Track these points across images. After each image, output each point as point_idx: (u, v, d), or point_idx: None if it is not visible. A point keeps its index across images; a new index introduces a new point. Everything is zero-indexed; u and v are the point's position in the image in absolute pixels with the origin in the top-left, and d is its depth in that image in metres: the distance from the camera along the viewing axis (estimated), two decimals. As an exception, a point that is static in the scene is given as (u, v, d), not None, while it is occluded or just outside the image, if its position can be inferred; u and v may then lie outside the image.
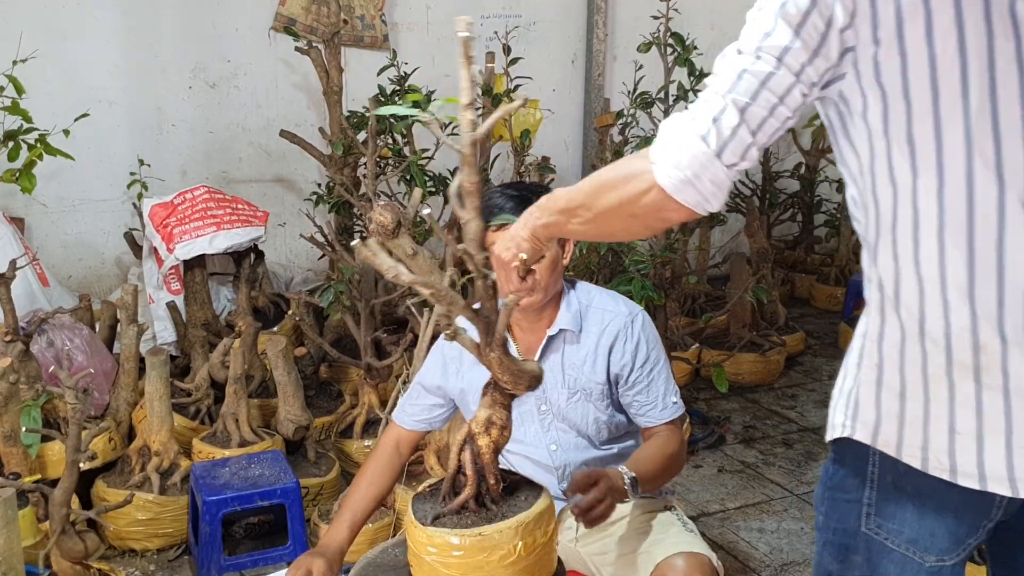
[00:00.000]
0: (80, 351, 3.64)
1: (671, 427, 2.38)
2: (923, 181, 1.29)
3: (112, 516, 3.22)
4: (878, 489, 1.47)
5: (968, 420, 1.33)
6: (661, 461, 2.28)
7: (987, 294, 1.28)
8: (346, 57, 5.25)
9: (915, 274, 1.33)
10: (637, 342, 2.36)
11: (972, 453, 1.34)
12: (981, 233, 1.27)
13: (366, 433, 3.94)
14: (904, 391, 1.39)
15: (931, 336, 1.33)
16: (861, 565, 1.51)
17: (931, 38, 1.25)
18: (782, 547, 3.48)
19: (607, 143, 5.47)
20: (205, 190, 4.40)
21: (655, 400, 2.37)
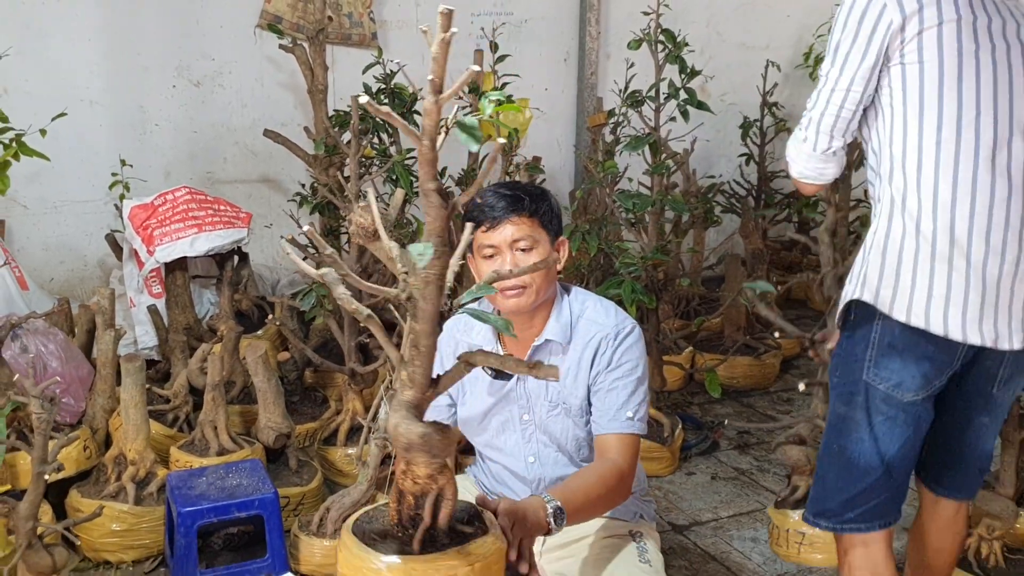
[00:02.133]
0: (54, 357, 3.54)
1: (621, 444, 2.22)
2: (927, 131, 2.04)
3: (86, 527, 3.14)
4: (877, 349, 2.15)
5: (940, 289, 2.04)
6: (597, 490, 2.11)
7: (963, 208, 2.02)
8: (334, 55, 5.16)
9: (916, 192, 2.06)
10: (614, 351, 2.26)
11: (940, 311, 2.05)
12: (963, 168, 2.02)
13: (350, 440, 3.85)
14: (899, 269, 2.09)
15: (923, 233, 2.06)
16: (862, 404, 2.19)
17: (941, 48, 2.03)
18: (776, 557, 3.38)
19: (600, 142, 5.38)
20: (186, 191, 4.30)
21: (608, 408, 2.25)
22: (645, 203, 3.60)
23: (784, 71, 6.70)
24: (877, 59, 2.07)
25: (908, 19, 2.02)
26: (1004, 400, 2.28)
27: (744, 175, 6.51)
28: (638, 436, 2.27)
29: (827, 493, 2.31)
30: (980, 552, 3.00)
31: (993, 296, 2.04)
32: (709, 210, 4.61)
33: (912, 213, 2.06)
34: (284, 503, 3.29)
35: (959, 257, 2.02)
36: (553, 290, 2.31)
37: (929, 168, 2.04)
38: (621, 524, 2.37)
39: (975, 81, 2.01)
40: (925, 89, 2.04)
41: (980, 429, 2.30)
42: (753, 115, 6.42)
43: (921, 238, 2.05)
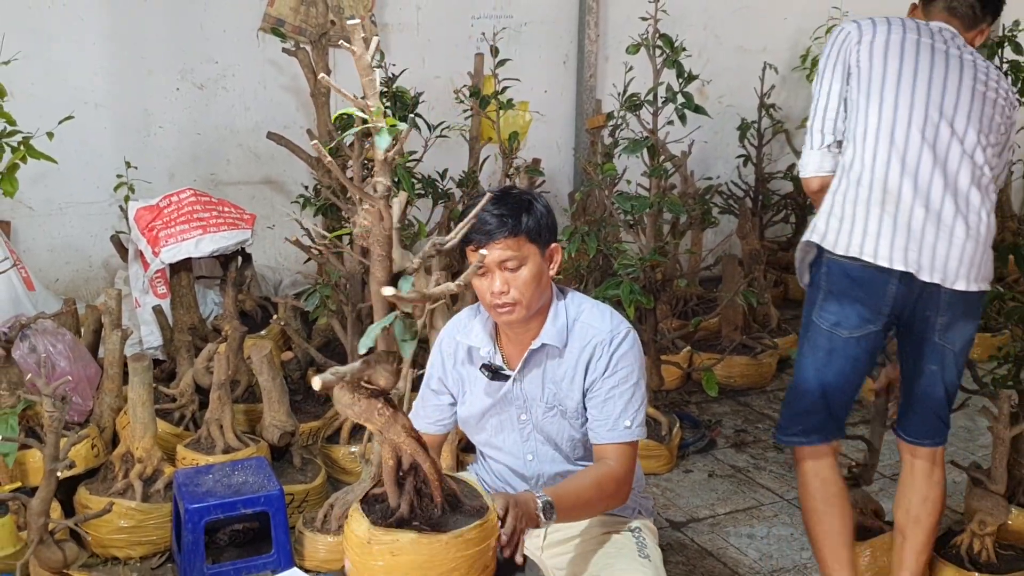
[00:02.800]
0: (63, 356, 3.60)
1: (619, 452, 2.29)
2: (871, 113, 2.57)
3: (95, 524, 3.19)
4: (822, 294, 2.65)
5: (873, 227, 2.53)
6: (590, 492, 2.20)
7: (896, 165, 2.54)
8: (335, 58, 5.21)
9: (861, 158, 2.57)
10: (610, 358, 2.31)
11: (872, 244, 2.52)
12: (898, 136, 2.54)
13: (353, 439, 3.90)
14: (843, 215, 2.58)
15: (862, 185, 2.56)
16: (811, 338, 2.70)
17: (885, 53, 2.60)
18: (772, 553, 3.45)
19: (598, 145, 5.44)
20: (191, 193, 4.36)
21: (606, 418, 2.30)
22: (643, 205, 3.66)
23: (781, 73, 6.75)
24: (844, 69, 2.66)
25: (862, 35, 2.64)
26: (949, 348, 2.63)
27: (742, 176, 6.57)
28: (635, 442, 2.33)
29: (782, 413, 2.86)
30: (972, 547, 3.06)
31: (918, 234, 2.51)
32: (707, 211, 4.67)
33: (856, 172, 2.58)
34: (288, 500, 3.34)
35: (890, 202, 2.53)
36: (548, 296, 2.35)
37: (871, 138, 2.57)
38: (620, 520, 2.43)
39: (912, 76, 2.57)
40: (873, 83, 2.60)
41: (931, 376, 2.68)
42: (751, 117, 6.48)
43: (860, 188, 2.56)
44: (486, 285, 2.23)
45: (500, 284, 2.21)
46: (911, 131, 2.54)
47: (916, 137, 2.54)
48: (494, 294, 2.24)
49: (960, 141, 2.54)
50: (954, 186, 2.53)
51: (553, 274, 2.36)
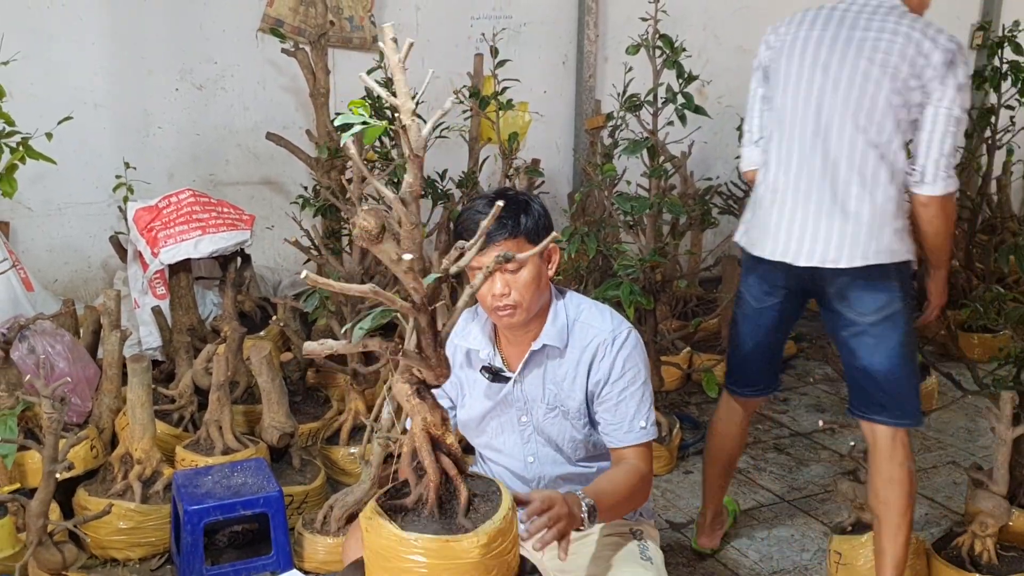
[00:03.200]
0: (62, 357, 3.59)
1: (638, 452, 2.31)
2: (776, 119, 2.85)
3: (94, 525, 3.18)
4: (744, 270, 3.09)
5: (769, 224, 2.84)
6: (624, 491, 2.22)
7: (785, 167, 2.80)
8: (335, 59, 5.21)
9: (768, 160, 2.88)
10: (614, 359, 2.30)
11: (767, 241, 2.85)
12: (786, 138, 2.82)
13: (352, 440, 3.90)
14: (754, 214, 2.95)
15: (765, 184, 2.88)
16: (738, 304, 3.13)
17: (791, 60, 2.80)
18: (772, 554, 3.44)
19: (598, 145, 5.43)
20: (190, 193, 4.35)
21: (621, 421, 2.31)
22: (643, 205, 3.65)
23: (781, 74, 6.74)
24: (763, 70, 2.94)
25: (774, 35, 2.89)
26: (858, 318, 2.79)
27: (741, 177, 6.55)
28: (652, 440, 2.36)
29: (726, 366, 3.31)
30: (974, 549, 3.05)
31: (797, 227, 2.76)
32: (706, 212, 4.66)
33: (765, 176, 2.90)
34: (288, 501, 3.34)
35: (776, 200, 2.81)
36: (547, 297, 2.35)
37: (774, 144, 2.84)
38: (621, 522, 2.42)
39: (797, 77, 2.77)
40: (778, 90, 2.84)
41: (846, 345, 2.87)
42: (750, 118, 6.47)
43: (759, 186, 2.91)
44: (486, 288, 2.22)
45: (501, 287, 2.20)
46: (796, 131, 2.78)
47: (800, 135, 2.78)
48: (495, 296, 2.23)
49: (842, 131, 2.71)
50: (833, 176, 2.72)
51: (552, 275, 2.35)
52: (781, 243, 2.80)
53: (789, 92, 2.79)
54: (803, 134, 2.76)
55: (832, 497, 3.86)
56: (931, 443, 4.42)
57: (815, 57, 2.75)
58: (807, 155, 2.76)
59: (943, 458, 4.26)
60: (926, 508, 3.79)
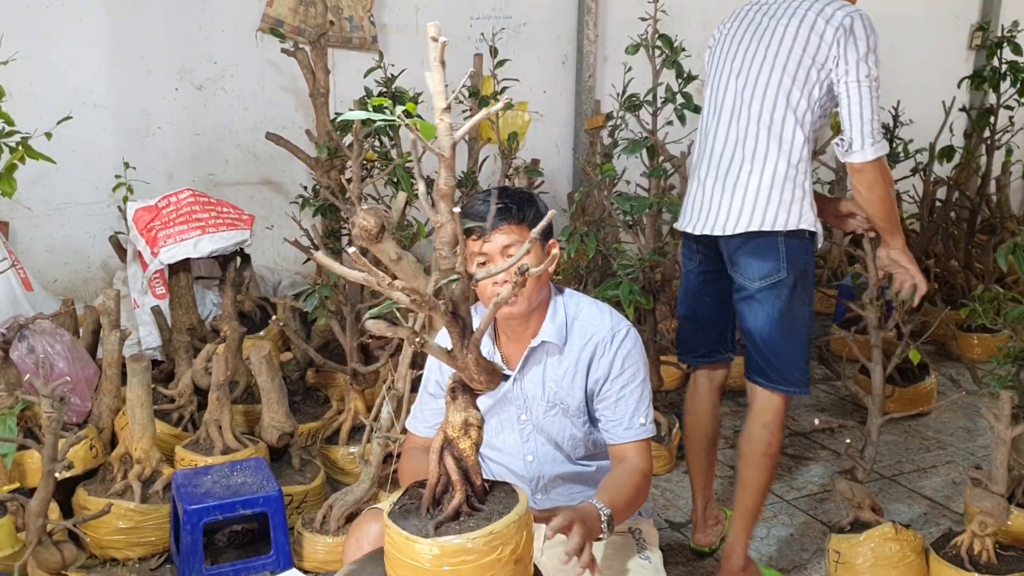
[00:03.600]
0: (61, 357, 3.59)
1: (638, 448, 2.32)
2: (704, 110, 3.12)
3: (93, 525, 3.18)
4: (683, 246, 3.28)
5: (686, 202, 3.15)
6: (631, 493, 2.22)
7: (699, 151, 3.10)
8: (334, 59, 5.21)
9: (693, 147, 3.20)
10: (614, 357, 2.31)
11: (684, 215, 3.14)
12: (708, 127, 3.07)
13: (352, 439, 3.90)
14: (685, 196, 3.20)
15: (691, 168, 3.16)
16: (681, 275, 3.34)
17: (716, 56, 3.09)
18: (771, 554, 3.44)
19: (597, 145, 5.43)
20: (190, 193, 4.36)
21: (621, 418, 2.31)
22: (643, 205, 3.66)
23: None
24: (707, 69, 3.15)
25: (713, 40, 3.14)
26: (747, 283, 2.97)
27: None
28: (651, 437, 2.37)
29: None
30: (973, 548, 3.05)
31: (701, 201, 3.03)
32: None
33: (689, 160, 3.26)
34: (287, 501, 3.34)
35: (693, 181, 3.10)
36: (547, 293, 2.35)
37: (698, 132, 3.14)
38: (621, 522, 2.42)
39: (718, 72, 3.04)
40: (707, 84, 3.10)
41: (737, 308, 3.09)
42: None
43: (690, 173, 3.17)
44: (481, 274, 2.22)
45: (503, 275, 2.21)
46: (710, 119, 3.06)
47: (711, 122, 3.05)
48: (497, 283, 2.23)
49: (740, 116, 2.95)
50: (732, 155, 2.96)
51: (552, 271, 2.36)
52: (687, 216, 3.10)
53: (710, 85, 3.08)
54: (713, 121, 3.03)
55: (831, 496, 3.86)
56: (930, 443, 4.42)
57: (729, 51, 3.01)
58: (714, 139, 3.02)
59: (942, 458, 4.26)
60: (924, 507, 3.80)
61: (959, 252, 6.18)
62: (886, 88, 7.16)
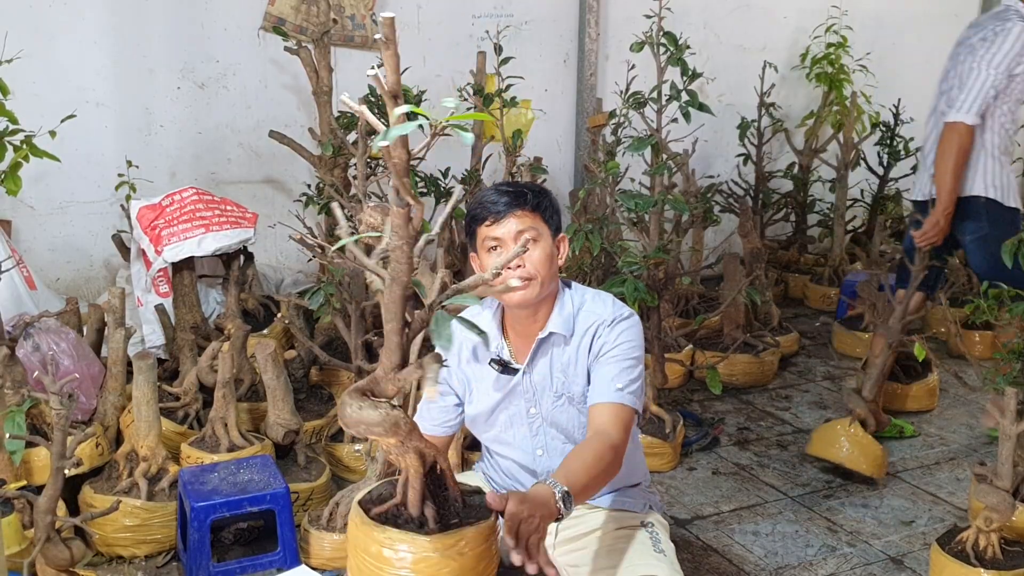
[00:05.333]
0: (66, 355, 3.59)
1: (611, 414, 2.22)
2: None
3: (100, 522, 3.18)
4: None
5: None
6: (594, 464, 2.07)
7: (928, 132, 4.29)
8: (336, 57, 5.21)
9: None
10: (610, 334, 2.32)
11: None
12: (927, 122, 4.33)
13: (356, 437, 3.90)
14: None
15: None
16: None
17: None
18: (777, 550, 3.45)
19: (599, 143, 5.44)
20: (193, 191, 4.36)
21: (600, 380, 2.28)
22: (647, 203, 3.66)
23: (781, 72, 6.77)
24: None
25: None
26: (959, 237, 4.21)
27: (742, 175, 6.57)
28: (631, 409, 2.25)
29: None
30: (978, 544, 3.06)
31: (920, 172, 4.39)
32: (708, 210, 4.67)
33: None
34: (293, 498, 3.33)
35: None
36: (556, 285, 2.37)
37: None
38: (632, 515, 2.42)
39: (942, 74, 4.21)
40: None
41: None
42: (750, 116, 6.49)
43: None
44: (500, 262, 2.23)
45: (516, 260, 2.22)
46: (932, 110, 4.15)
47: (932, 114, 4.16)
48: (509, 268, 2.24)
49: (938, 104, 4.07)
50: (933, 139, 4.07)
51: (561, 264, 2.37)
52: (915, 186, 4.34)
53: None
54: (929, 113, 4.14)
55: (835, 493, 3.87)
56: (933, 440, 4.43)
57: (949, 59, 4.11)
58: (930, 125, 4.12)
59: (945, 454, 4.27)
60: (929, 504, 3.80)
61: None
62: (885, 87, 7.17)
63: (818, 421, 4.59)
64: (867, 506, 3.78)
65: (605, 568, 2.28)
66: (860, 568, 3.33)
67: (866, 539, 3.53)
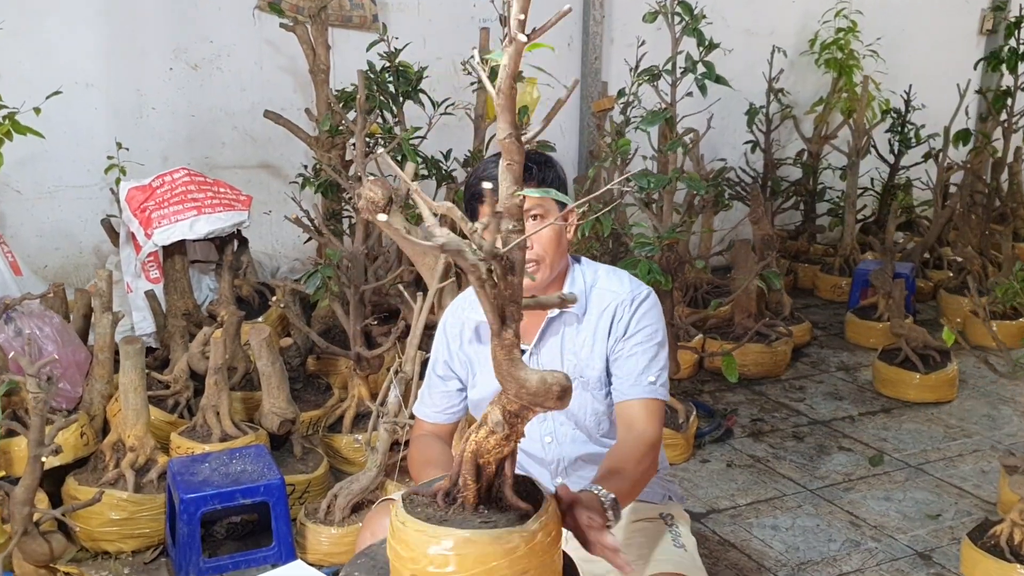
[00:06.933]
0: (50, 340, 3.42)
1: (644, 409, 2.08)
2: None
3: (84, 516, 3.02)
4: None
5: None
6: (635, 467, 1.97)
7: None
8: (334, 38, 5.03)
9: None
10: (631, 317, 2.13)
11: None
12: None
13: (356, 427, 3.73)
14: None
15: None
16: None
17: None
18: (798, 545, 3.28)
19: (604, 128, 5.26)
20: (185, 172, 4.18)
21: (628, 374, 2.11)
22: (661, 181, 3.48)
23: (789, 58, 6.61)
24: None
25: None
26: None
27: (749, 163, 6.41)
28: (662, 402, 2.13)
29: None
30: (1013, 538, 2.90)
31: None
32: (720, 194, 4.49)
33: None
34: (289, 491, 3.17)
35: None
36: (565, 262, 2.19)
37: None
38: (651, 507, 2.25)
39: None
40: None
41: None
42: (758, 102, 6.33)
43: None
44: None
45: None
46: None
47: None
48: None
49: None
50: None
51: (570, 238, 2.19)
52: None
53: None
54: None
55: (856, 486, 3.71)
56: (954, 431, 4.26)
57: None
58: None
59: (968, 447, 4.10)
60: (954, 497, 3.64)
61: (974, 239, 6.03)
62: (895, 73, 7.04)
63: (834, 412, 4.43)
64: (890, 499, 3.61)
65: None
66: (887, 564, 3.17)
67: (891, 533, 3.36)
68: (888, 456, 3.98)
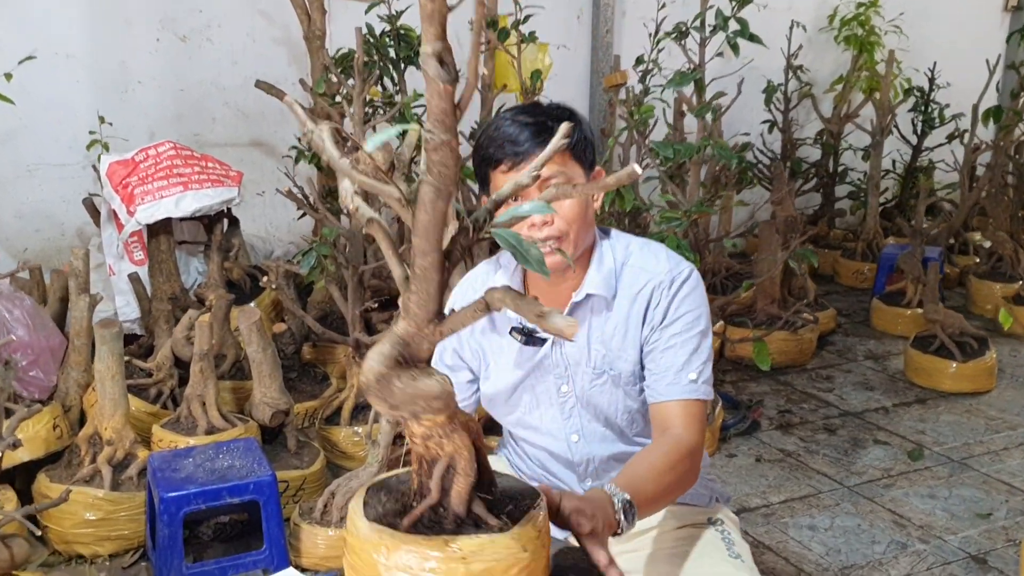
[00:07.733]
0: (21, 324, 3.13)
1: (684, 412, 1.79)
2: None
3: (56, 517, 2.76)
4: None
5: None
6: (666, 474, 1.68)
7: None
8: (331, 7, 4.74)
9: None
10: (670, 302, 1.82)
11: None
12: None
13: (355, 419, 3.46)
14: None
15: None
16: None
17: None
18: (839, 547, 3.00)
19: (617, 103, 4.97)
20: (171, 145, 3.90)
21: (665, 370, 1.81)
22: (688, 151, 3.18)
23: (808, 34, 6.32)
24: None
25: None
26: None
27: (766, 144, 6.12)
28: (704, 403, 1.83)
29: None
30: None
31: None
32: (744, 169, 4.20)
33: None
34: (283, 488, 2.91)
35: None
36: (592, 236, 1.88)
37: None
38: (696, 510, 1.95)
39: None
40: None
41: None
42: (777, 79, 6.05)
43: None
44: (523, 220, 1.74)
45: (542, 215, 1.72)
46: None
47: None
48: (535, 226, 1.76)
49: None
50: None
51: (597, 207, 1.89)
52: None
53: None
54: None
55: (896, 482, 3.43)
56: (996, 423, 3.98)
57: None
58: None
59: (1013, 439, 3.82)
60: (1005, 494, 3.36)
61: (1007, 222, 5.74)
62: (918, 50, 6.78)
63: (865, 403, 4.15)
64: (935, 497, 3.33)
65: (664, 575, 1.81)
66: (938, 567, 2.89)
67: (939, 534, 3.08)
68: (928, 450, 3.70)
